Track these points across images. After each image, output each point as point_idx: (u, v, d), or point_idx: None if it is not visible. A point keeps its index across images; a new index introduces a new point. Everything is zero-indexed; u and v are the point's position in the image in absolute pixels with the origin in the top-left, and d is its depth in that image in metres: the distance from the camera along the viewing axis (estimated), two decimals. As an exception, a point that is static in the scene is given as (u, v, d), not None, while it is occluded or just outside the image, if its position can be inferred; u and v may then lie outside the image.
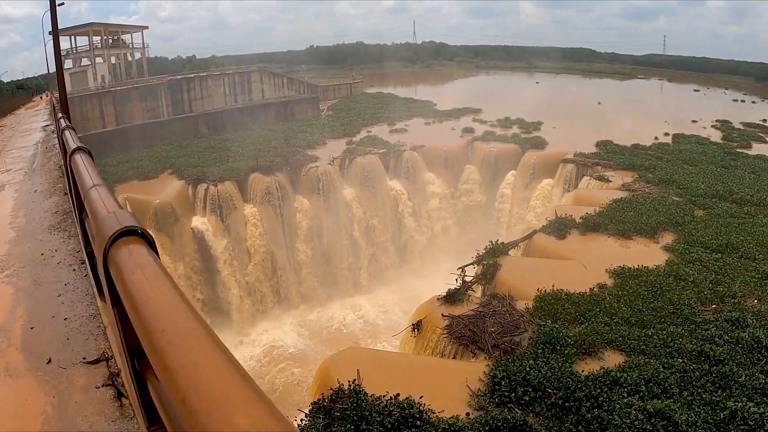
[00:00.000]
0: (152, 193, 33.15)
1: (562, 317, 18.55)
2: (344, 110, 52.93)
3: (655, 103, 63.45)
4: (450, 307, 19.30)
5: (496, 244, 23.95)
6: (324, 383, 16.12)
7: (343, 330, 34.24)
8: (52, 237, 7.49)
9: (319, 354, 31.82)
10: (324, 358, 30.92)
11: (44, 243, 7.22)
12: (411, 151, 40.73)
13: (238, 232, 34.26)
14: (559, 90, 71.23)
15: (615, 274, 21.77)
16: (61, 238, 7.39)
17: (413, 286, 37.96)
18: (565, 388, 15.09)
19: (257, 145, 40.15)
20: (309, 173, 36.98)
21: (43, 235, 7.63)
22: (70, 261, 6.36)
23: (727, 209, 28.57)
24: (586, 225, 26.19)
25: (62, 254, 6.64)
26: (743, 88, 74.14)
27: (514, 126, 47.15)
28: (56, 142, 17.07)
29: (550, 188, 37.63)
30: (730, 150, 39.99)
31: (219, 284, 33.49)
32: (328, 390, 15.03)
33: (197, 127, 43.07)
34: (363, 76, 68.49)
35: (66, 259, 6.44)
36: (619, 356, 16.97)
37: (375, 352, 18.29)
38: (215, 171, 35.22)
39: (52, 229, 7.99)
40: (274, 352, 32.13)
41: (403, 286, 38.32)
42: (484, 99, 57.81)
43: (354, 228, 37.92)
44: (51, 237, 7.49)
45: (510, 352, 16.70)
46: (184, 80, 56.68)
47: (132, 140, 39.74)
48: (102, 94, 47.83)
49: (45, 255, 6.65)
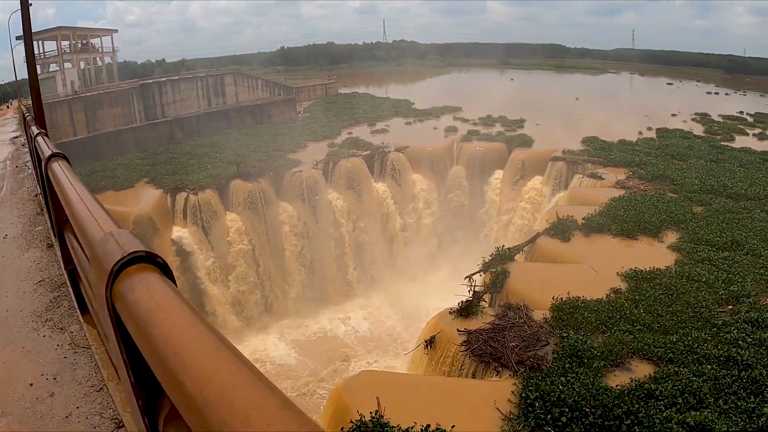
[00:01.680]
0: (129, 204, 31.26)
1: (583, 327, 17.63)
2: (321, 111, 51.50)
3: (632, 97, 63.64)
4: (464, 321, 18.17)
5: (502, 249, 22.97)
6: (339, 414, 14.80)
7: (334, 340, 32.94)
8: (42, 342, 4.38)
9: (311, 367, 30.54)
10: (313, 370, 30.00)
11: (30, 358, 4.16)
12: (396, 152, 39.59)
13: (220, 242, 32.62)
14: (535, 86, 71.01)
15: (627, 277, 20.99)
16: (59, 348, 4.28)
17: (403, 290, 37.00)
18: (602, 405, 14.16)
19: (236, 150, 38.46)
20: (292, 178, 35.49)
21: (27, 339, 4.47)
22: (98, 411, 3.47)
23: (724, 205, 28.19)
24: (589, 226, 25.42)
25: (73, 392, 3.68)
26: (713, 80, 75.16)
27: (497, 124, 46.42)
28: (29, 159, 14.78)
29: (540, 187, 36.88)
30: (715, 143, 39.94)
31: (203, 297, 31.80)
32: (346, 423, 13.80)
33: (172, 132, 41.15)
34: (336, 76, 67.14)
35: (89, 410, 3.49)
36: (647, 366, 16.19)
37: (391, 376, 17.04)
38: (194, 178, 33.48)
39: (39, 322, 4.74)
40: (262, 367, 30.60)
41: (393, 291, 37.24)
42: (462, 97, 56.97)
43: (340, 233, 36.62)
44: (40, 342, 4.39)
45: (536, 369, 15.66)
46: (155, 84, 54.46)
47: (105, 148, 37.67)
48: (72, 100, 45.49)
49: (38, 393, 3.70)
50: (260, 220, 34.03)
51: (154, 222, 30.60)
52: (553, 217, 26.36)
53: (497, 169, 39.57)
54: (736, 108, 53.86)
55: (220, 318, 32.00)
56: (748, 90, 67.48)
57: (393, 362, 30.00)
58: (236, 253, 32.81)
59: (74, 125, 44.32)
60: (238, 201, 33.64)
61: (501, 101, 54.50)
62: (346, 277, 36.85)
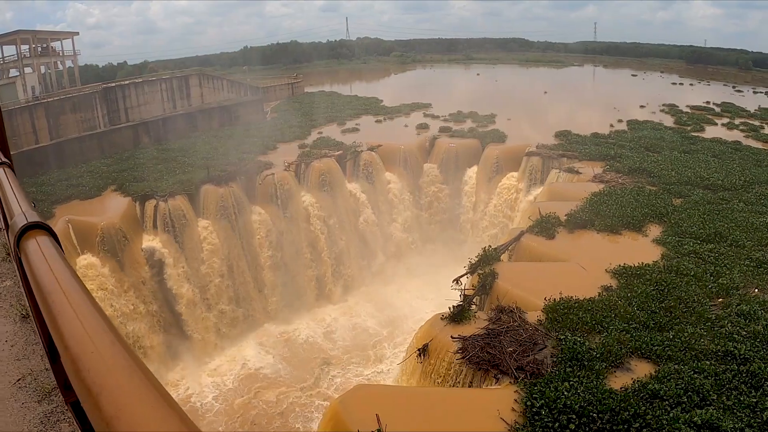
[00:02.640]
0: (96, 214, 29.71)
1: (579, 328, 17.24)
2: (289, 111, 50.35)
3: (598, 90, 64.15)
4: (457, 326, 17.54)
5: (488, 250, 22.40)
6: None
7: (315, 347, 32.03)
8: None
9: (294, 376, 29.62)
10: (297, 379, 29.08)
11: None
12: (368, 151, 38.79)
13: (193, 249, 31.38)
14: (502, 81, 70.97)
15: (617, 274, 20.75)
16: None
17: (380, 291, 36.42)
18: (609, 409, 13.77)
19: (205, 154, 37.14)
20: (265, 181, 34.39)
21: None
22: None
23: (703, 196, 28.27)
24: (573, 222, 25.11)
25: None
26: (675, 70, 76.35)
27: (468, 120, 46.10)
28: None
29: (515, 182, 36.58)
30: (686, 134, 40.28)
31: (177, 307, 30.54)
32: (346, 443, 13.08)
33: (137, 137, 39.54)
34: (301, 75, 65.93)
35: None
36: (647, 365, 15.93)
37: (387, 389, 16.27)
38: (163, 185, 32.08)
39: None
40: (242, 378, 29.59)
41: (371, 292, 36.60)
42: (430, 93, 56.56)
43: (315, 235, 35.71)
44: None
45: (537, 374, 15.15)
46: (118, 87, 52.31)
47: (68, 155, 35.78)
48: (33, 106, 43.29)
49: None
50: (233, 225, 32.89)
51: (123, 232, 29.17)
52: (535, 214, 25.96)
53: (471, 165, 39.14)
54: (702, 98, 54.68)
55: (195, 327, 30.79)
56: (711, 80, 68.68)
57: (379, 367, 29.33)
58: (210, 261, 31.63)
59: (36, 132, 42.32)
60: (210, 207, 32.43)
61: (470, 97, 54.31)
62: (322, 281, 35.98)
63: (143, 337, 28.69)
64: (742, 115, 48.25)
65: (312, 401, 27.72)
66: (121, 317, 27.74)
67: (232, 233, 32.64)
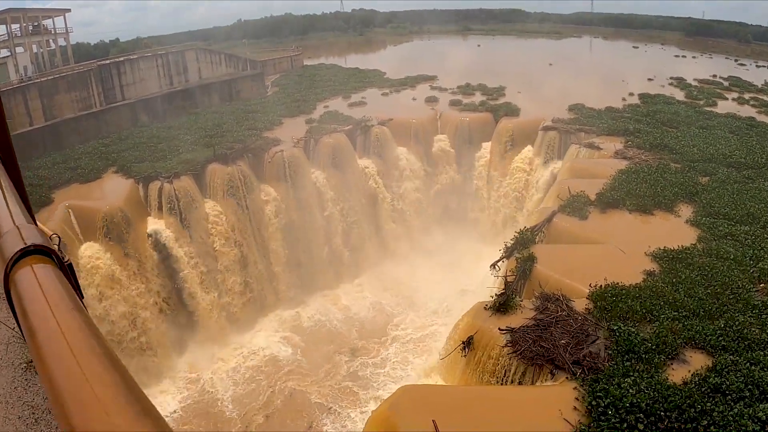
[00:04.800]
0: (97, 198, 28.33)
1: (629, 317, 16.43)
2: (291, 85, 48.62)
3: (603, 61, 62.97)
4: (502, 317, 16.64)
5: (524, 232, 21.45)
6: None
7: (329, 330, 31.23)
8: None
9: (307, 361, 28.79)
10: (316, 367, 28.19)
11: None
12: (379, 126, 37.44)
13: (200, 232, 30.14)
14: (503, 53, 69.61)
15: (657, 257, 19.96)
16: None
17: (394, 270, 35.65)
18: (676, 407, 13.04)
19: (208, 131, 35.60)
20: (274, 159, 33.05)
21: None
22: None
23: (728, 174, 27.49)
24: (603, 201, 24.22)
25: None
26: (674, 43, 75.20)
27: (477, 92, 44.83)
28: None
29: (531, 156, 35.59)
30: (700, 109, 39.38)
31: (185, 293, 29.45)
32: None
33: (135, 115, 37.81)
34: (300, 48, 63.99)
35: None
36: (702, 356, 15.27)
37: (438, 390, 15.27)
38: (167, 165, 30.66)
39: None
40: (255, 365, 28.72)
41: (384, 271, 35.75)
42: (433, 65, 55.06)
43: (326, 214, 34.61)
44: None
45: (594, 369, 14.34)
46: (113, 65, 50.00)
47: (65, 136, 34.04)
48: (26, 87, 41.18)
49: None
50: (241, 206, 31.65)
51: (127, 216, 27.83)
52: (564, 192, 24.98)
53: (485, 139, 38.04)
54: (707, 71, 53.72)
55: (205, 314, 29.75)
56: (712, 53, 67.69)
57: (408, 356, 28.51)
58: (218, 244, 30.45)
59: (30, 114, 40.39)
60: (217, 187, 31.11)
61: (475, 69, 52.97)
62: (335, 260, 35.02)
63: (150, 323, 27.64)
64: (750, 89, 47.41)
65: (329, 389, 26.95)
66: (128, 306, 26.62)
67: (240, 213, 31.44)
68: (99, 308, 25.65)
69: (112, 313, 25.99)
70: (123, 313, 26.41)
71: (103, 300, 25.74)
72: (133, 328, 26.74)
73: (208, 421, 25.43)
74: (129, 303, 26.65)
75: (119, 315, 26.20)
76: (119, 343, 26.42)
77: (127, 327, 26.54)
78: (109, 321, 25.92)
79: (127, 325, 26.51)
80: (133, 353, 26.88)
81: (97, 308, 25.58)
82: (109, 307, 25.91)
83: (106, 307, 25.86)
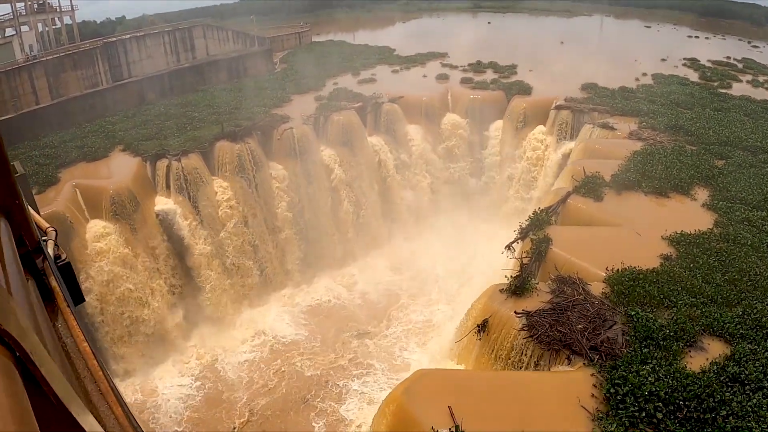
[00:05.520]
0: (105, 177, 28.04)
1: (647, 302, 16.21)
2: (300, 62, 47.86)
3: (615, 40, 61.78)
4: (518, 300, 16.43)
5: (540, 212, 21.13)
6: (402, 427, 12.91)
7: (339, 308, 31.17)
8: None
9: (317, 340, 28.75)
10: (326, 346, 28.18)
11: None
12: (390, 103, 36.89)
13: (209, 210, 29.89)
14: (515, 30, 68.42)
15: (674, 242, 19.69)
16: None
17: (404, 248, 35.51)
18: (695, 396, 12.85)
19: (216, 108, 35.13)
20: (283, 136, 32.63)
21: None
22: None
23: (744, 158, 27.04)
24: (619, 183, 23.87)
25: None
26: (687, 23, 73.75)
27: (489, 70, 44.04)
28: None
29: (544, 136, 35.11)
30: (714, 91, 38.64)
31: (194, 272, 29.32)
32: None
33: (143, 92, 37.27)
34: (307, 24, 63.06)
35: None
36: (720, 344, 15.10)
37: (453, 375, 15.08)
38: (175, 143, 30.27)
39: None
40: (265, 346, 28.70)
41: (394, 250, 35.59)
42: (443, 42, 54.02)
43: (335, 191, 34.32)
44: None
45: (611, 355, 14.14)
46: (120, 42, 49.34)
47: (72, 115, 33.65)
48: (32, 65, 40.61)
49: None
50: (250, 183, 31.30)
51: (134, 194, 27.56)
52: (579, 173, 24.59)
53: (496, 118, 37.51)
54: (720, 53, 52.69)
55: (214, 293, 29.64)
56: (726, 34, 66.39)
57: (418, 337, 28.43)
58: (227, 222, 30.22)
59: (36, 93, 39.94)
60: (225, 164, 30.74)
61: (485, 46, 52.06)
62: (344, 238, 34.80)
63: (158, 302, 27.58)
64: (764, 72, 46.49)
65: (337, 369, 26.93)
66: (135, 284, 26.51)
67: (249, 191, 31.12)
68: (106, 288, 25.55)
69: (119, 292, 25.88)
70: (130, 292, 26.29)
71: (110, 279, 25.59)
72: (140, 307, 26.65)
73: (215, 400, 25.48)
74: (136, 282, 26.51)
75: (126, 294, 26.09)
76: (126, 323, 26.40)
77: (134, 306, 26.45)
78: (115, 300, 25.84)
79: (133, 304, 26.41)
80: (140, 333, 26.87)
81: (103, 287, 25.49)
82: (116, 286, 25.79)
83: (113, 286, 25.73)
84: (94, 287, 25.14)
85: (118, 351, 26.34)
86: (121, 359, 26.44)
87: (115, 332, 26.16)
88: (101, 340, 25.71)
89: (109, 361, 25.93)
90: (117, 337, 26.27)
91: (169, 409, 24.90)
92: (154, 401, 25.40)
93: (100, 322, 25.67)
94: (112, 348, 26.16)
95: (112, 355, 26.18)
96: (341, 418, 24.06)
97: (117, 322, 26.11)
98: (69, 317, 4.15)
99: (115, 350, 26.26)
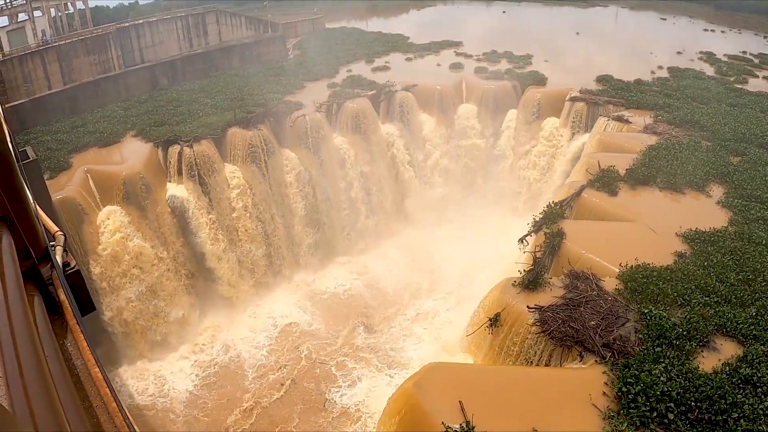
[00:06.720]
0: (116, 162, 28.12)
1: (660, 300, 16.09)
2: (313, 48, 47.63)
3: (630, 32, 61.12)
4: (531, 294, 16.38)
5: (553, 206, 20.98)
6: (414, 421, 12.95)
7: (351, 297, 31.27)
8: None
9: (329, 328, 28.86)
10: (338, 335, 28.28)
11: None
12: (403, 91, 36.70)
13: (221, 197, 29.97)
14: (529, 20, 67.66)
15: (688, 239, 19.53)
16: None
17: (416, 238, 35.44)
18: (707, 398, 12.78)
19: (228, 94, 35.08)
20: (296, 123, 32.59)
21: None
22: None
23: (760, 156, 26.68)
24: (633, 177, 23.66)
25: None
26: (703, 16, 72.82)
27: (503, 60, 43.69)
28: None
29: (558, 128, 34.87)
30: (731, 86, 38.15)
31: (205, 258, 29.42)
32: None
33: (155, 78, 37.25)
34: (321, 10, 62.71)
35: None
36: (732, 344, 14.99)
37: (464, 369, 15.07)
38: (187, 129, 30.26)
39: None
40: (277, 332, 28.87)
41: (406, 239, 35.59)
42: (458, 31, 53.66)
43: (348, 179, 34.31)
44: None
45: (624, 353, 14.09)
46: (132, 27, 49.54)
47: (84, 100, 33.71)
48: (44, 50, 40.93)
49: None
50: (262, 171, 31.33)
51: (146, 180, 27.63)
52: (594, 166, 24.40)
53: (510, 108, 37.24)
54: (736, 47, 51.99)
55: (225, 280, 29.78)
56: (742, 28, 65.47)
57: (427, 328, 28.45)
58: (238, 208, 30.29)
59: (49, 78, 40.15)
60: (237, 151, 30.76)
61: (500, 36, 51.72)
62: (356, 227, 34.86)
63: (169, 288, 27.73)
64: (781, 67, 46.02)
65: (346, 357, 27.04)
66: (147, 271, 26.65)
67: (261, 178, 31.16)
68: (117, 273, 25.69)
69: (129, 277, 26.03)
70: (141, 278, 26.45)
71: (121, 265, 25.73)
72: (151, 293, 26.80)
73: (225, 386, 25.68)
74: (148, 268, 26.64)
75: (137, 280, 26.24)
76: (138, 309, 26.56)
77: (146, 292, 26.60)
78: (126, 286, 25.99)
79: (145, 290, 26.57)
80: (152, 318, 27.05)
81: (114, 273, 25.63)
82: (127, 271, 25.94)
83: (124, 271, 25.88)
84: (104, 272, 25.29)
85: (128, 338, 26.53)
86: (130, 347, 26.64)
87: (125, 318, 26.32)
88: (111, 327, 25.92)
89: (119, 350, 26.18)
90: (127, 323, 26.43)
91: (179, 396, 25.12)
92: (162, 389, 25.62)
93: (110, 308, 25.82)
94: (122, 335, 26.35)
95: (122, 343, 26.42)
96: (350, 407, 24.17)
97: (127, 308, 26.25)
98: (78, 336, 3.99)
99: (124, 338, 26.46)
